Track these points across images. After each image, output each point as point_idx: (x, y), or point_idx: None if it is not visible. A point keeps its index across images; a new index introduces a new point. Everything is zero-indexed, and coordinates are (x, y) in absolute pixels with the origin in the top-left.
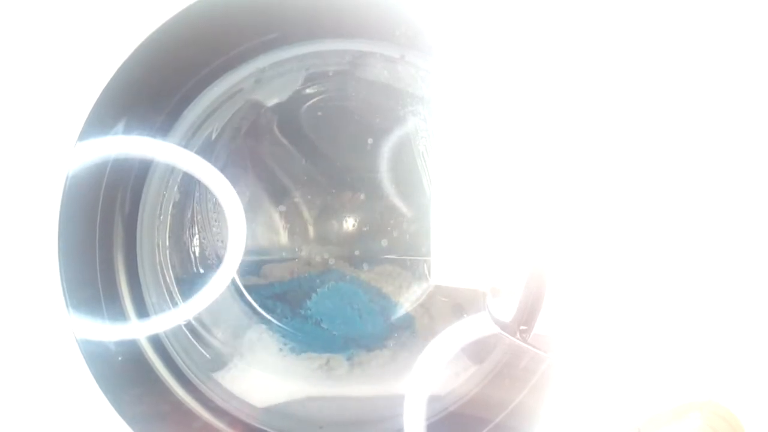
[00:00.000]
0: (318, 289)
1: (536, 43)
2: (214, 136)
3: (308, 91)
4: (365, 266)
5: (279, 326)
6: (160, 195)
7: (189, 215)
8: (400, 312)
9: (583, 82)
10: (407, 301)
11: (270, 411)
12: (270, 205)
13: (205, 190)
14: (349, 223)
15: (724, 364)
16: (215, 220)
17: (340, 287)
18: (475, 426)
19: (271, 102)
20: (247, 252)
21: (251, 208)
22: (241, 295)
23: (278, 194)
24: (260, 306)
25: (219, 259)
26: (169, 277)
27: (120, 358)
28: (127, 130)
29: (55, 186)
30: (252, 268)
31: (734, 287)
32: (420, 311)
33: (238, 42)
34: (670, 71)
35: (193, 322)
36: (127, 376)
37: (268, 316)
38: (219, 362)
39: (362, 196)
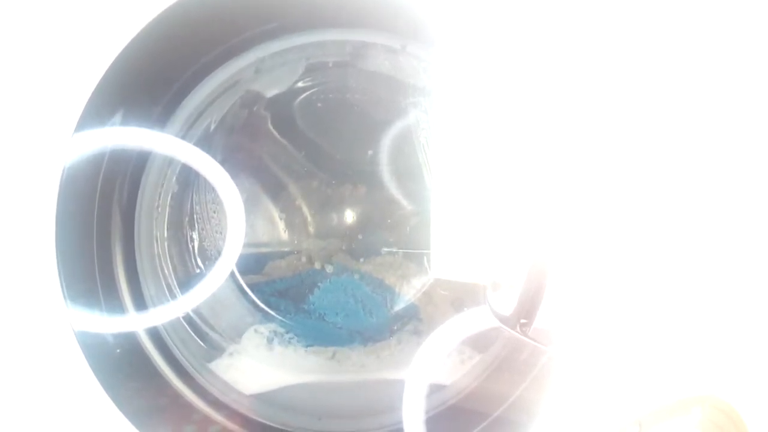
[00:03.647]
0: (320, 284)
1: (537, 36)
2: (212, 127)
3: (308, 81)
4: (366, 258)
5: (283, 322)
6: (159, 186)
7: (188, 207)
8: (404, 302)
9: (584, 75)
10: (410, 291)
11: (269, 403)
12: (269, 198)
13: (203, 182)
14: (350, 216)
15: (725, 358)
16: (214, 212)
17: (342, 280)
18: (475, 419)
19: (271, 93)
20: (247, 245)
21: (250, 201)
22: (244, 293)
23: (277, 187)
24: (264, 303)
25: (218, 252)
26: (168, 270)
27: (118, 351)
28: (125, 121)
29: (52, 178)
30: (254, 266)
31: (735, 282)
32: (424, 300)
33: (237, 31)
34: (670, 71)
35: (194, 316)
36: (126, 368)
37: (272, 313)
38: (219, 356)
39: (362, 189)
